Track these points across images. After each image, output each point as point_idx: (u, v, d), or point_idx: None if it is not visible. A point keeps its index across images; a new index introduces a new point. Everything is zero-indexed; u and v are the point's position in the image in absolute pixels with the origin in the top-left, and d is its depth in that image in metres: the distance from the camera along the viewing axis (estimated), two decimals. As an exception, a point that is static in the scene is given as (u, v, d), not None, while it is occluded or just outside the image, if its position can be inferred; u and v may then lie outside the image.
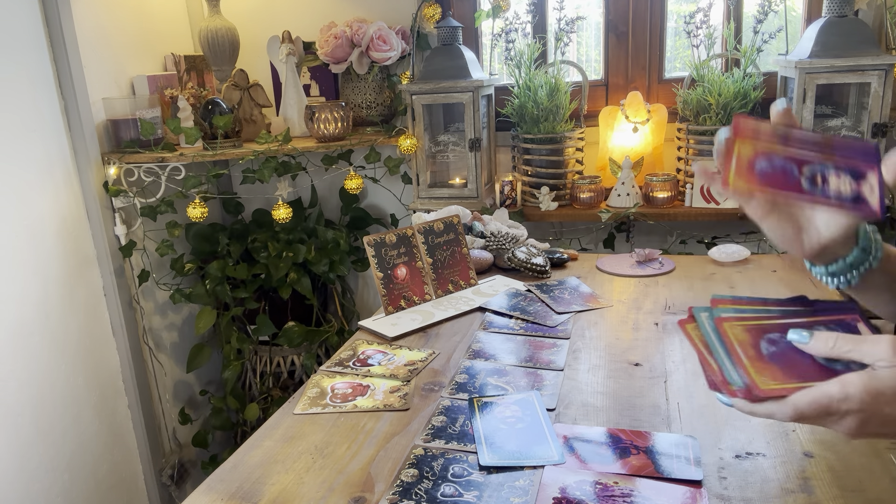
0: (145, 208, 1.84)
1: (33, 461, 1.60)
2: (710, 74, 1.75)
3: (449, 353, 1.09)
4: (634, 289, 1.33)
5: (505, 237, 1.50)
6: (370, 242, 1.26)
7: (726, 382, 0.63)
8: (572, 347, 1.09)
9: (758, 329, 0.64)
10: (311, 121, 1.88)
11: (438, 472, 0.77)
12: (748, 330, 0.64)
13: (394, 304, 1.26)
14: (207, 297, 1.97)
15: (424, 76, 1.84)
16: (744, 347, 0.63)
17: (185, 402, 2.14)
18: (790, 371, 0.62)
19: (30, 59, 1.61)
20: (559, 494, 0.72)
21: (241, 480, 0.79)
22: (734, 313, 0.65)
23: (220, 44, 1.96)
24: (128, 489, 1.91)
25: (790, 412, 0.60)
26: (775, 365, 0.62)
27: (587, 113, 1.95)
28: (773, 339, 0.64)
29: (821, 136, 0.66)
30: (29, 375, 1.59)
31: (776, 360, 0.63)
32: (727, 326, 0.64)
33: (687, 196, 1.80)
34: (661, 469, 0.75)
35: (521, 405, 0.91)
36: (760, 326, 0.65)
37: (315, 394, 0.98)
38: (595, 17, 2.02)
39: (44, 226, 1.64)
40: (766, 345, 0.64)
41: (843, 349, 0.61)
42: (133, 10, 1.93)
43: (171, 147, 1.83)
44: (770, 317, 0.65)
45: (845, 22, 1.60)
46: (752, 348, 0.63)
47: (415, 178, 1.93)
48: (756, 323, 0.65)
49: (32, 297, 1.61)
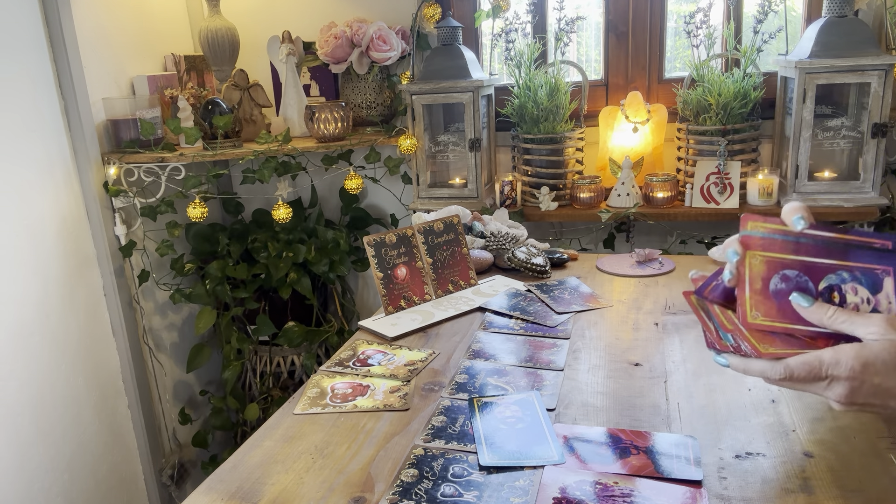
0: (145, 208, 1.84)
1: (33, 461, 1.60)
2: (710, 74, 1.75)
3: (449, 353, 1.09)
4: (634, 289, 1.33)
5: (505, 237, 1.50)
6: (370, 242, 1.26)
7: (720, 339, 0.68)
8: (572, 347, 1.09)
9: (777, 263, 0.66)
10: (311, 121, 1.88)
11: (438, 472, 0.77)
12: (766, 262, 0.66)
13: (394, 304, 1.26)
14: (207, 297, 1.97)
15: (424, 76, 1.84)
16: (753, 279, 0.65)
17: (185, 402, 2.14)
18: (785, 310, 0.65)
19: (30, 59, 1.61)
20: (559, 494, 0.72)
21: (241, 480, 0.79)
22: (763, 235, 0.66)
23: (220, 44, 1.96)
24: (128, 489, 1.91)
25: (782, 371, 0.63)
26: (774, 301, 0.65)
27: (587, 113, 1.95)
28: (787, 276, 0.66)
29: (835, 233, 0.66)
30: (29, 375, 1.59)
31: (778, 297, 0.65)
32: (749, 256, 0.65)
33: (687, 196, 1.80)
34: (661, 469, 0.75)
35: (521, 405, 0.91)
36: (781, 261, 0.66)
37: (315, 394, 0.98)
38: (595, 17, 2.02)
39: (44, 226, 1.64)
40: (776, 280, 0.66)
41: (839, 320, 0.64)
42: (133, 10, 1.93)
43: (171, 147, 1.83)
44: (798, 249, 0.66)
45: (845, 22, 1.60)
46: (762, 281, 0.65)
47: (415, 178, 1.93)
48: (778, 257, 0.66)
49: (32, 297, 1.61)
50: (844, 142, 1.71)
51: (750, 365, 0.66)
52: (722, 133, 1.74)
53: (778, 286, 0.65)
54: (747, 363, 0.66)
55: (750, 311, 0.64)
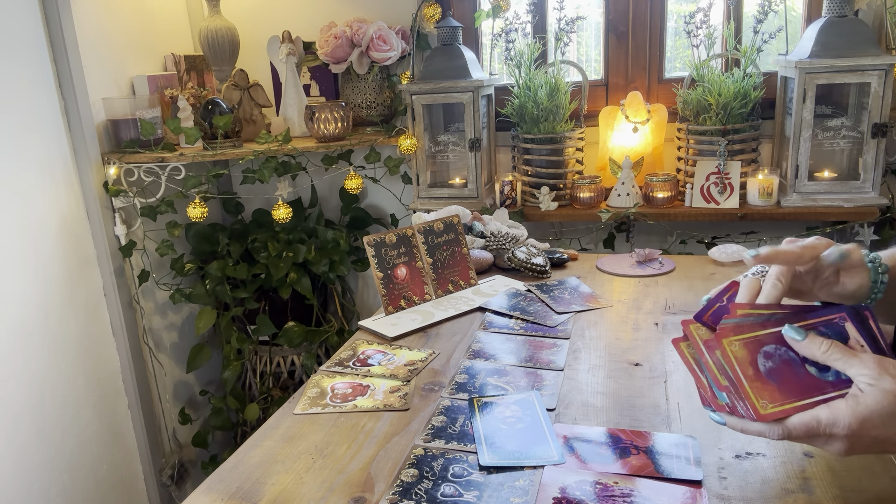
0: (145, 208, 1.84)
1: (33, 461, 1.60)
2: (710, 74, 1.75)
3: (449, 353, 1.09)
4: (634, 289, 1.33)
5: (505, 237, 1.50)
6: (370, 242, 1.26)
7: (714, 398, 0.67)
8: (572, 347, 1.09)
9: (755, 342, 0.66)
10: (311, 121, 1.88)
11: (438, 472, 0.77)
12: (746, 345, 0.66)
13: (394, 304, 1.26)
14: (207, 297, 1.97)
15: (424, 76, 1.84)
16: (743, 367, 0.65)
17: (185, 402, 2.14)
18: (787, 388, 0.65)
19: (30, 59, 1.61)
20: (559, 494, 0.72)
21: (241, 480, 0.79)
22: (735, 322, 0.66)
23: (220, 44, 1.96)
24: (128, 489, 1.91)
25: (780, 432, 0.63)
26: (773, 383, 0.65)
27: (587, 113, 1.95)
28: (769, 353, 0.66)
29: (789, 307, 0.68)
30: (29, 375, 1.59)
31: (773, 378, 0.65)
32: (726, 343, 0.66)
33: (687, 196, 1.80)
34: (661, 469, 0.75)
35: (521, 405, 0.91)
36: (758, 339, 0.66)
37: (315, 394, 0.98)
38: (595, 17, 2.02)
39: (44, 226, 1.64)
40: (762, 360, 0.66)
41: (834, 357, 0.63)
42: (133, 10, 1.93)
43: (171, 147, 1.83)
44: (766, 324, 0.67)
45: (845, 22, 1.60)
46: (751, 366, 0.65)
47: (415, 178, 1.93)
48: (753, 335, 0.66)
49: (32, 297, 1.61)
50: (844, 142, 1.71)
51: (747, 426, 0.65)
52: (722, 133, 1.74)
53: (766, 365, 0.65)
54: (745, 424, 0.65)
55: (758, 402, 0.64)
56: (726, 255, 1.44)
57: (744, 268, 1.41)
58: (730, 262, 1.43)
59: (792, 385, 0.65)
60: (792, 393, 0.64)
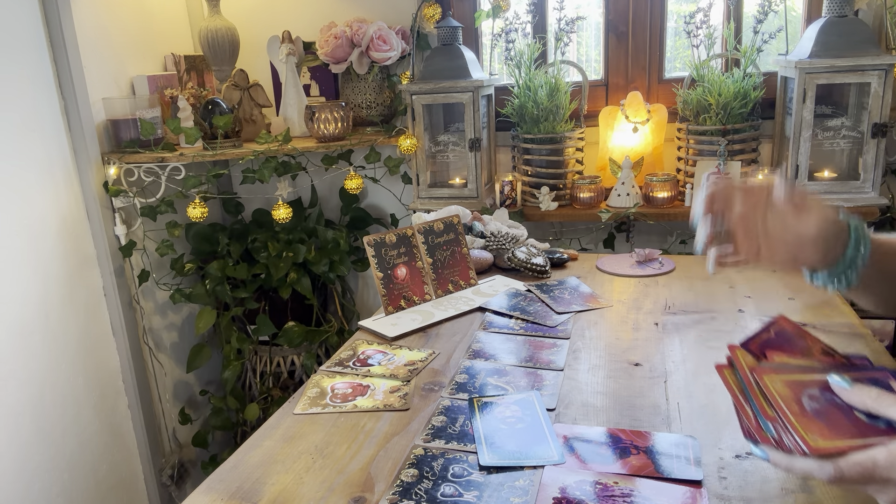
0: (145, 208, 1.84)
1: (33, 461, 1.60)
2: (710, 74, 1.75)
3: (449, 353, 1.09)
4: (634, 289, 1.33)
5: (505, 237, 1.50)
6: (370, 242, 1.26)
7: (760, 429, 0.62)
8: (572, 347, 1.09)
9: (798, 384, 0.63)
10: (311, 121, 1.88)
11: (438, 473, 0.77)
12: (788, 385, 0.63)
13: (394, 304, 1.26)
14: (207, 297, 1.97)
15: (424, 76, 1.84)
16: (787, 403, 0.61)
17: (185, 402, 2.14)
18: (837, 427, 0.60)
19: (30, 59, 1.61)
20: (559, 494, 0.72)
21: (241, 480, 0.79)
22: (772, 365, 0.64)
23: (220, 44, 1.96)
24: (128, 489, 1.91)
25: (832, 472, 0.58)
26: (821, 422, 0.60)
27: (587, 113, 1.95)
28: (813, 395, 0.63)
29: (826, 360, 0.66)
30: (29, 375, 1.59)
31: (820, 417, 0.61)
32: (768, 380, 0.62)
33: (687, 196, 1.80)
34: (661, 469, 0.75)
35: (521, 405, 0.91)
36: (800, 382, 0.63)
37: (315, 394, 0.98)
38: (595, 17, 2.02)
39: (44, 226, 1.64)
40: (807, 400, 0.62)
41: (885, 403, 0.60)
42: (133, 10, 1.93)
43: (171, 147, 1.83)
44: (806, 371, 0.64)
45: (845, 22, 1.60)
46: (796, 403, 0.61)
47: (415, 178, 1.93)
48: (795, 378, 0.63)
49: (32, 296, 1.61)
50: (844, 142, 1.71)
51: (795, 463, 0.59)
52: (722, 133, 1.74)
53: (812, 405, 0.61)
54: (791, 461, 0.60)
55: (808, 436, 0.59)
56: (726, 255, 1.43)
57: (745, 268, 1.41)
58: (730, 262, 1.43)
59: (842, 425, 0.60)
60: (843, 432, 0.59)
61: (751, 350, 0.66)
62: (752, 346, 0.67)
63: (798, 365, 0.65)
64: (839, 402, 0.62)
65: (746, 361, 0.65)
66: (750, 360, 0.65)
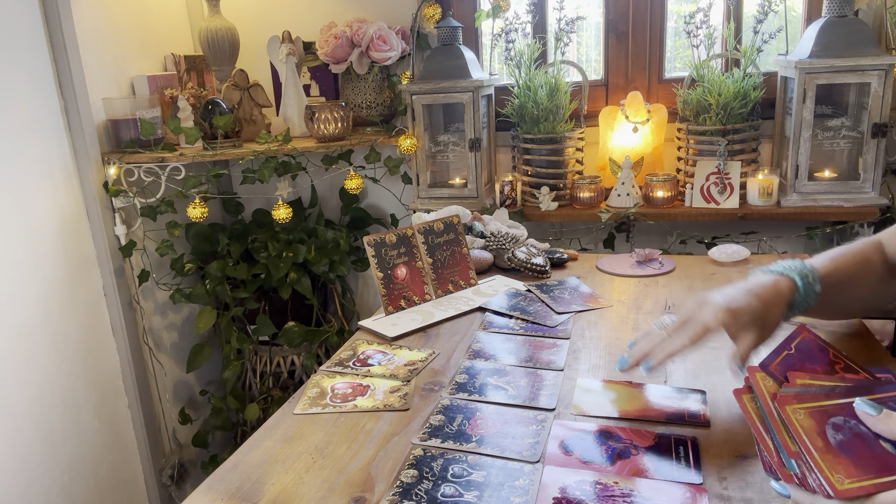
0: (145, 208, 1.84)
1: (33, 461, 1.60)
2: (710, 74, 1.75)
3: (449, 353, 1.09)
4: (634, 289, 1.33)
5: (505, 237, 1.50)
6: (370, 242, 1.26)
7: (782, 465, 0.61)
8: (572, 347, 1.09)
9: (821, 413, 0.61)
10: (311, 121, 1.88)
11: (438, 473, 0.77)
12: (811, 415, 0.61)
13: (394, 304, 1.26)
14: (207, 297, 1.97)
15: (424, 76, 1.84)
16: (811, 437, 0.59)
17: (185, 402, 2.14)
18: (863, 464, 0.58)
19: (30, 59, 1.61)
20: (559, 494, 0.72)
21: (241, 480, 0.79)
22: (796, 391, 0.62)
23: (220, 44, 1.96)
24: (128, 489, 1.91)
25: None
26: (846, 457, 0.59)
27: (587, 113, 1.95)
28: (837, 425, 0.61)
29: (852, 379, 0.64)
30: (29, 375, 1.59)
31: (846, 451, 0.59)
32: (790, 410, 0.60)
33: (687, 196, 1.80)
34: (662, 469, 0.75)
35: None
36: (823, 409, 0.61)
37: (315, 394, 0.98)
38: (595, 17, 2.02)
39: (44, 226, 1.64)
40: (832, 432, 0.60)
41: None
42: (133, 10, 1.93)
43: (171, 147, 1.83)
44: (830, 395, 0.62)
45: (845, 22, 1.60)
46: (820, 437, 0.60)
47: (415, 178, 1.93)
48: (818, 405, 0.62)
49: (33, 297, 1.61)
50: (844, 142, 1.71)
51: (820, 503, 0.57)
52: (722, 133, 1.74)
53: (836, 437, 0.60)
54: (816, 501, 0.57)
55: (833, 476, 0.57)
56: (726, 255, 1.44)
57: (745, 268, 1.41)
58: (730, 262, 1.43)
59: (868, 460, 0.58)
60: (869, 469, 0.58)
61: (771, 373, 0.65)
62: (772, 367, 0.65)
63: (821, 387, 0.63)
64: (865, 432, 0.61)
65: (767, 387, 0.63)
66: (771, 384, 0.63)
